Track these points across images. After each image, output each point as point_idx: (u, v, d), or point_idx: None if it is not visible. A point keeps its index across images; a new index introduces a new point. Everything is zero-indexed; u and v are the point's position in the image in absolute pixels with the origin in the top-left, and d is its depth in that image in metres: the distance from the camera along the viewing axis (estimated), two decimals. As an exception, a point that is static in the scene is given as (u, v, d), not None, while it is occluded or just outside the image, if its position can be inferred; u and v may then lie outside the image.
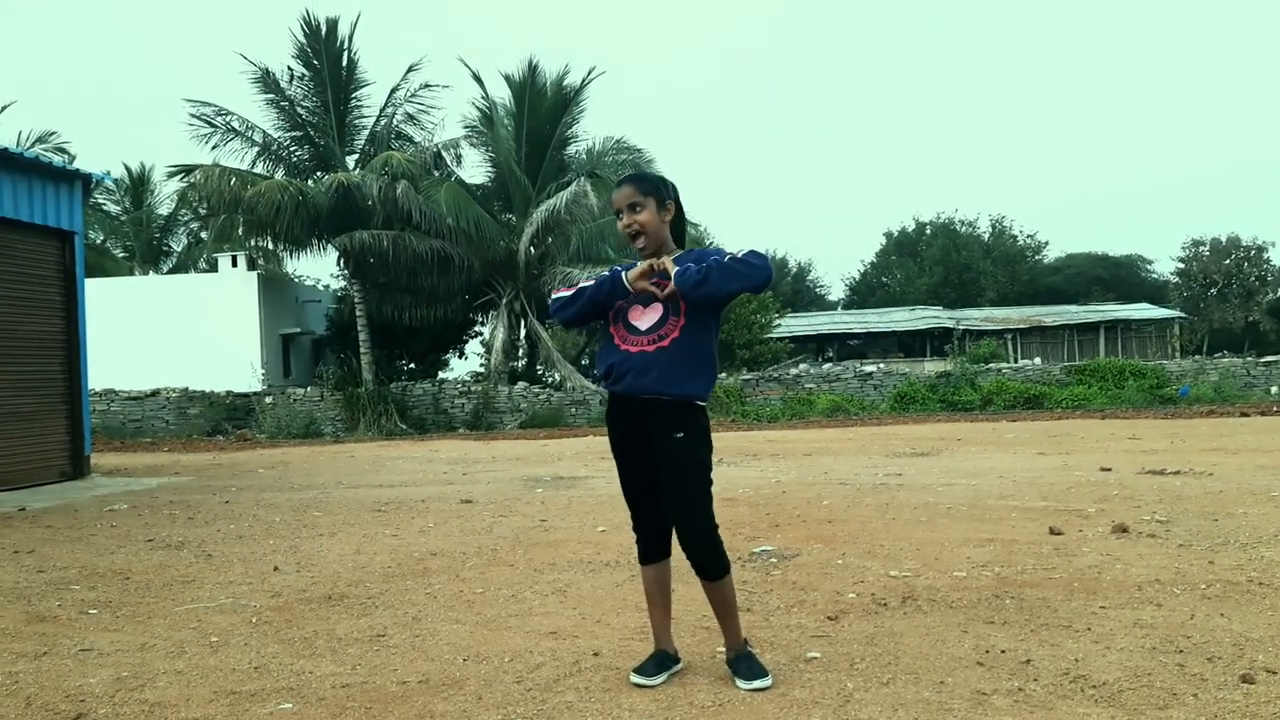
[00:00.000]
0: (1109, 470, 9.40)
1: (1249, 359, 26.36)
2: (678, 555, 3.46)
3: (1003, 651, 3.67)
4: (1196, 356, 30.18)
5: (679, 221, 3.56)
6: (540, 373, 27.54)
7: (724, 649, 3.55)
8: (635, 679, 3.39)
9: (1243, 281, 43.84)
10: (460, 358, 31.16)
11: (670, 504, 3.36)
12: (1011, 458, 11.14)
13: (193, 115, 23.75)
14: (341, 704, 3.29)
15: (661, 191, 3.49)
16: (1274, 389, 23.33)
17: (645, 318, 3.37)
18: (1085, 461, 10.33)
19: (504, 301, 24.95)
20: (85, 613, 4.74)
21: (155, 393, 22.85)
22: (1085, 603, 4.37)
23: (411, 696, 3.35)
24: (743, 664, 3.41)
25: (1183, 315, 39.37)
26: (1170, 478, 8.73)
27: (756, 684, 3.32)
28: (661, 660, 3.48)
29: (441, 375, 28.74)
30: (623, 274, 3.40)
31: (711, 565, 3.35)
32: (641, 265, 3.38)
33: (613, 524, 6.98)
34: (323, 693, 3.42)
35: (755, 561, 5.56)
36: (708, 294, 3.23)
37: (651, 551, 3.54)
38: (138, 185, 33.60)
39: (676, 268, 3.28)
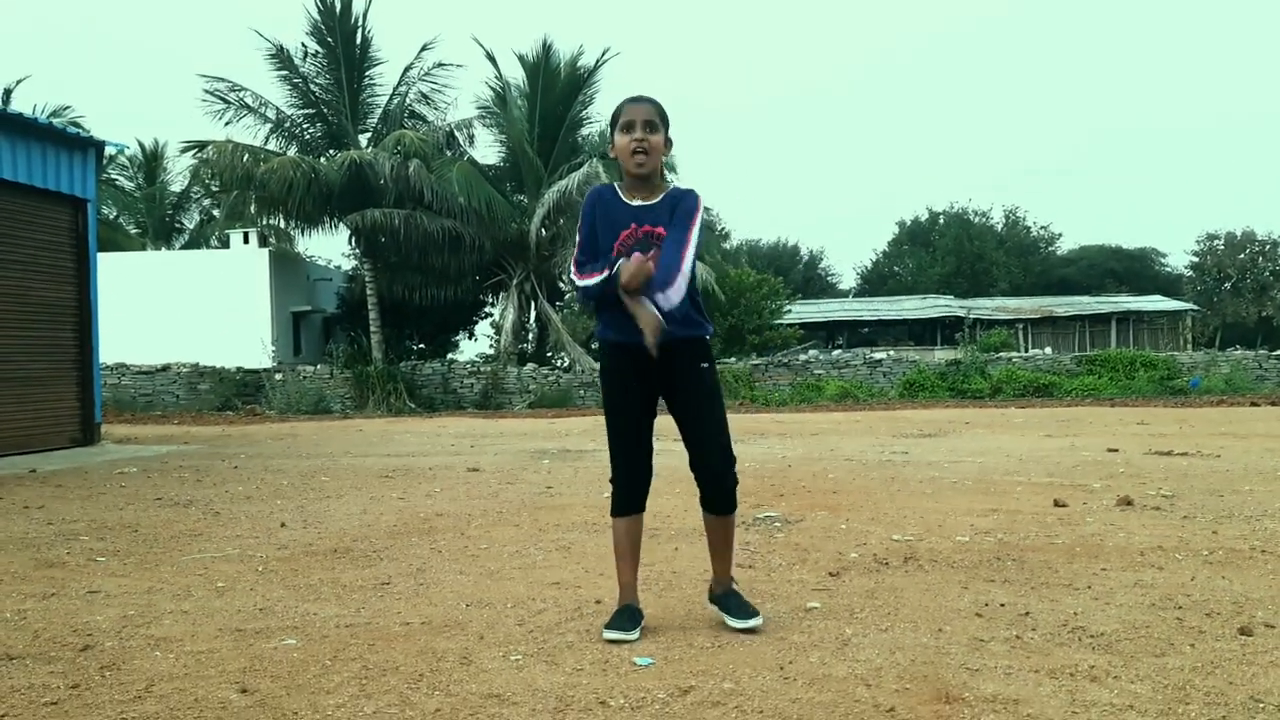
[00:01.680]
0: (1116, 451, 9.38)
1: (1261, 353, 26.23)
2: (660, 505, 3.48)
3: (1002, 605, 3.68)
4: (1208, 349, 30.05)
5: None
6: (550, 355, 27.57)
7: (713, 592, 3.57)
8: (612, 634, 3.29)
9: (1257, 276, 43.57)
10: (470, 339, 31.25)
11: (707, 431, 3.43)
12: (1019, 439, 11.13)
13: (206, 91, 23.79)
14: (345, 641, 3.32)
15: (668, 122, 3.48)
16: (1286, 382, 23.19)
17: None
18: (1093, 443, 10.31)
19: (514, 282, 24.97)
20: (93, 560, 4.79)
21: (166, 367, 22.95)
22: (1087, 565, 4.38)
23: (414, 635, 3.38)
24: (733, 601, 3.45)
25: (1195, 308, 39.17)
26: (1177, 458, 8.71)
27: (751, 623, 3.35)
28: (634, 615, 3.41)
29: (451, 356, 28.82)
30: (618, 271, 3.26)
31: (733, 496, 3.49)
32: (634, 268, 3.21)
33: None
34: (326, 631, 3.45)
35: (759, 525, 5.57)
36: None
37: (631, 502, 3.52)
38: (151, 161, 33.69)
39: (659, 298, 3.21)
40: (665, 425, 3.55)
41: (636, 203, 3.41)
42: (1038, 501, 6.29)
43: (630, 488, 3.52)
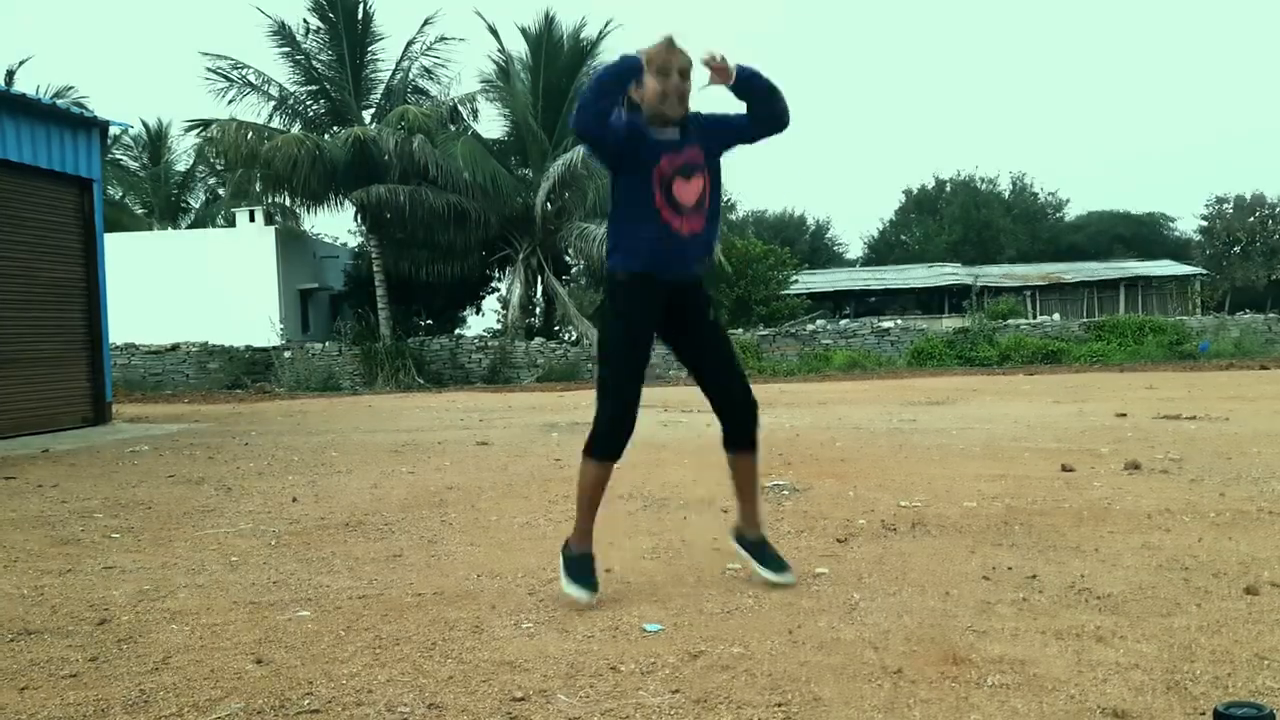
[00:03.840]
0: (1124, 416, 9.38)
1: (1271, 316, 26.13)
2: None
3: (1009, 569, 3.71)
4: (1217, 314, 29.94)
5: None
6: (557, 329, 27.60)
7: (743, 535, 3.56)
8: (575, 591, 3.28)
9: (1267, 240, 43.28)
10: (477, 314, 31.27)
11: (734, 367, 3.50)
12: (1027, 406, 11.13)
13: (209, 69, 23.73)
14: (358, 612, 3.36)
15: None
16: (1296, 345, 23.11)
17: (690, 190, 3.29)
18: (1101, 409, 10.31)
19: (520, 257, 24.95)
20: (108, 536, 4.84)
21: (175, 347, 23.03)
22: (1094, 529, 4.39)
23: (426, 605, 3.42)
24: (769, 552, 3.49)
25: (1204, 272, 38.97)
26: (1185, 422, 8.71)
27: (785, 577, 3.42)
28: (593, 568, 3.40)
29: (459, 331, 28.86)
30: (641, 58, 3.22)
31: (758, 430, 3.49)
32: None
33: (627, 463, 6.93)
34: (339, 603, 3.49)
35: (768, 494, 5.58)
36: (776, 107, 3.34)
37: (617, 447, 3.46)
38: (155, 141, 33.66)
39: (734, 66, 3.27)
40: (676, 397, 3.56)
41: (665, 135, 3.32)
42: (1045, 467, 6.30)
43: (622, 432, 3.44)
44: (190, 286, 24.90)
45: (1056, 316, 28.52)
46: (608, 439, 3.45)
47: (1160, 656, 2.70)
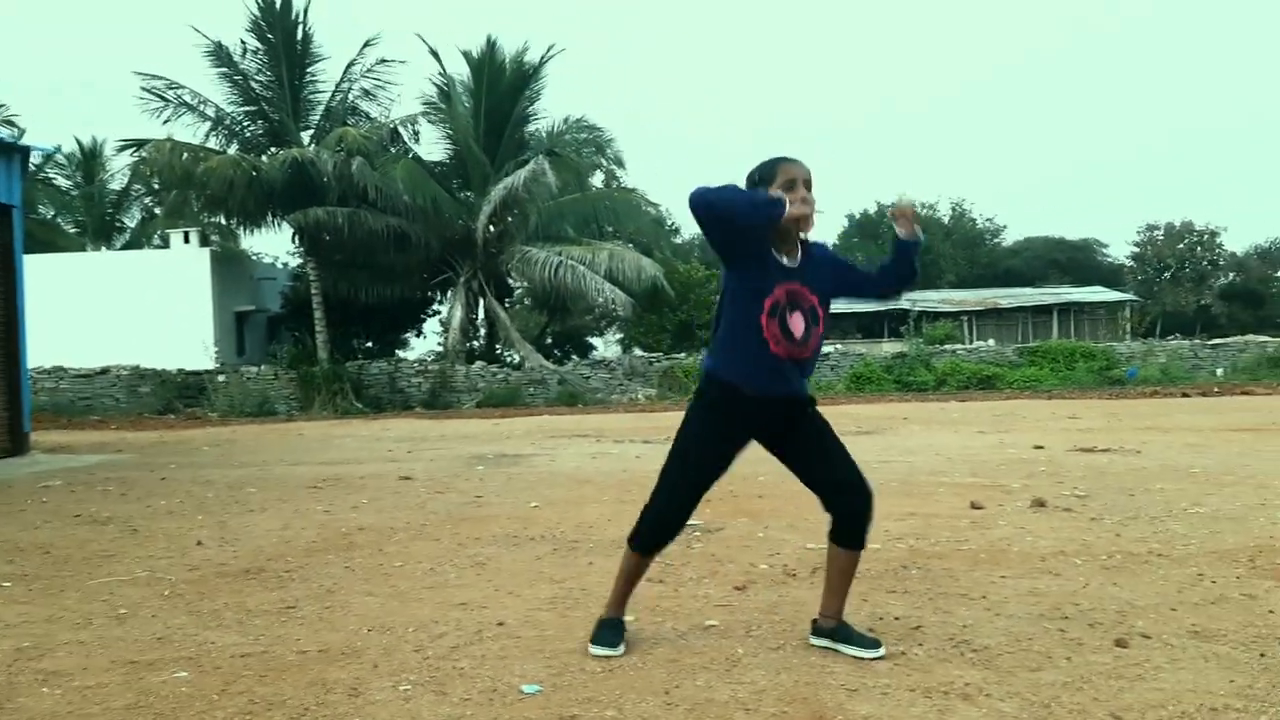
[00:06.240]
0: (1041, 448, 9.57)
1: (1197, 341, 26.87)
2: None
3: (896, 618, 3.76)
4: (1146, 339, 30.71)
5: None
6: (499, 352, 27.49)
7: (820, 628, 3.43)
8: (598, 650, 3.36)
9: (1195, 265, 44.54)
10: (419, 336, 31.07)
11: (841, 458, 3.41)
12: (952, 436, 11.31)
13: (144, 89, 23.40)
14: (237, 672, 3.31)
15: None
16: (1219, 371, 23.78)
17: (799, 325, 3.27)
18: (1022, 440, 10.51)
19: (462, 280, 24.86)
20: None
21: (105, 370, 22.57)
22: (987, 572, 4.48)
23: (308, 665, 3.38)
24: (853, 634, 3.36)
25: (1134, 298, 39.99)
26: (1098, 455, 8.91)
27: (877, 651, 3.27)
28: (621, 627, 3.50)
29: (399, 354, 28.61)
30: (783, 206, 3.11)
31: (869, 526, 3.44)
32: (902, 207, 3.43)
33: (546, 500, 7.03)
34: (220, 662, 3.43)
35: (681, 535, 5.60)
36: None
37: (662, 546, 3.51)
38: (89, 159, 33.05)
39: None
40: (611, 425, 3.57)
41: (785, 260, 3.29)
42: (955, 504, 6.41)
43: (665, 535, 3.45)
44: (122, 308, 24.44)
45: (992, 342, 29.04)
46: (650, 537, 3.46)
47: (1019, 716, 2.76)
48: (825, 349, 25.21)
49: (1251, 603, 3.87)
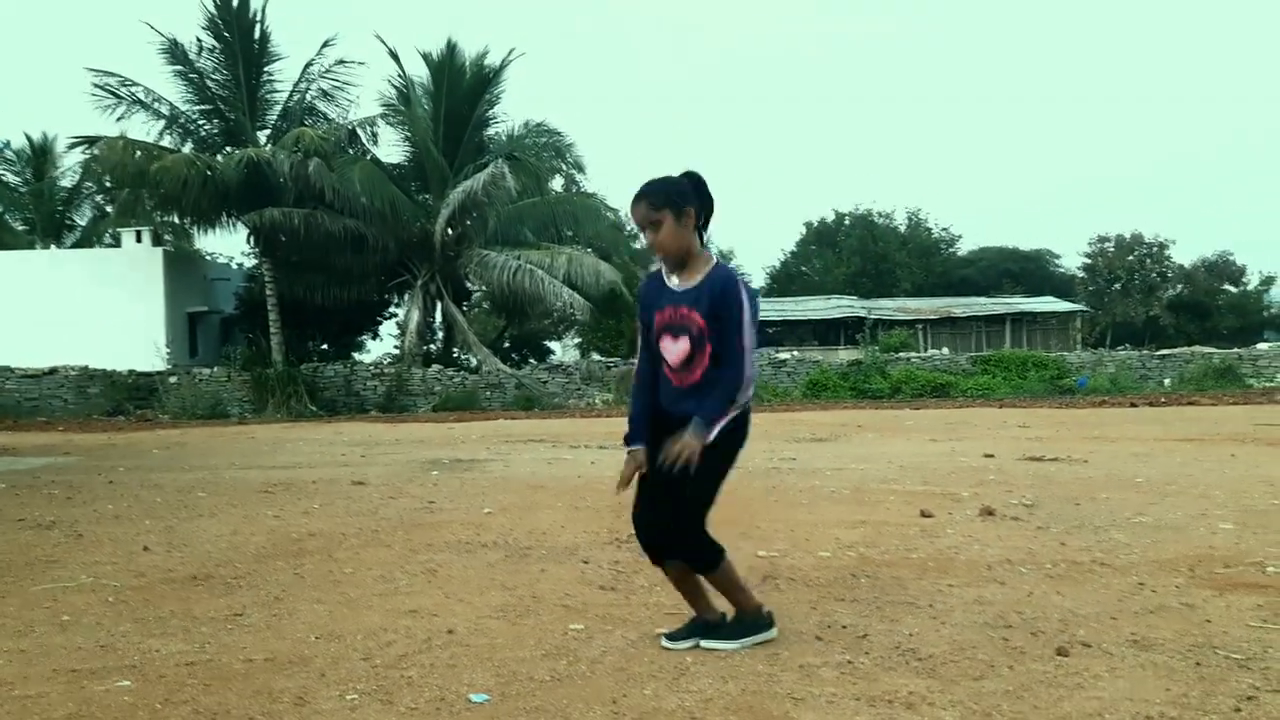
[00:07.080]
0: (991, 456, 9.71)
1: (1145, 352, 27.41)
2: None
3: (844, 627, 3.80)
4: (1095, 349, 31.26)
5: (705, 213, 3.53)
6: (456, 355, 27.34)
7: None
8: (764, 636, 3.59)
9: (1145, 277, 45.35)
10: (375, 339, 30.82)
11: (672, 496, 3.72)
12: (905, 444, 11.43)
13: (96, 85, 23.00)
14: (181, 681, 3.27)
15: (676, 200, 3.40)
16: (1167, 381, 24.27)
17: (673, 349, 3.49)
18: (973, 448, 10.65)
19: (419, 283, 24.71)
20: (-64, 593, 4.62)
21: (53, 370, 22.14)
22: (935, 581, 4.54)
23: (254, 674, 3.35)
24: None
25: (1085, 309, 40.68)
26: (1047, 464, 9.06)
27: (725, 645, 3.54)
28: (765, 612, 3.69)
29: (355, 357, 28.37)
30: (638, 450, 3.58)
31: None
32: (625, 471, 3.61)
33: (500, 506, 7.02)
34: (164, 671, 3.39)
35: (631, 543, 5.62)
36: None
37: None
38: (39, 156, 32.42)
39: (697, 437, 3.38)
40: (568, 430, 3.57)
41: (674, 283, 3.50)
42: (906, 512, 6.48)
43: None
44: (72, 308, 23.99)
45: (946, 350, 29.41)
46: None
47: (960, 725, 2.80)
48: (782, 355, 25.42)
49: (1190, 611, 3.96)
